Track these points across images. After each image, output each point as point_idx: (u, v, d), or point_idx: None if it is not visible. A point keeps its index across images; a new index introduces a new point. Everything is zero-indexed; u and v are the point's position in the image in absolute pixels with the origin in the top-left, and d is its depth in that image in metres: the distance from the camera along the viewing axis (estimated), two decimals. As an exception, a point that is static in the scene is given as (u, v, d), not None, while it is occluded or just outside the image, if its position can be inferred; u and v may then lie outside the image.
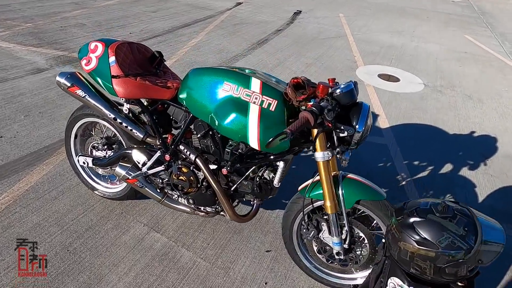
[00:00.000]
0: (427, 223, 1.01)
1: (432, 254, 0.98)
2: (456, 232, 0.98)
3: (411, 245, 1.01)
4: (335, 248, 1.38)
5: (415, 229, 1.02)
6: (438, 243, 0.98)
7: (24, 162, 2.21)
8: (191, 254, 1.69)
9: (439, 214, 1.02)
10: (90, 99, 1.53)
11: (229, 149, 1.34)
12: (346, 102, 1.19)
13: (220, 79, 1.33)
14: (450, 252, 0.97)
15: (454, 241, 0.97)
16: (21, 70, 3.48)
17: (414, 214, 1.05)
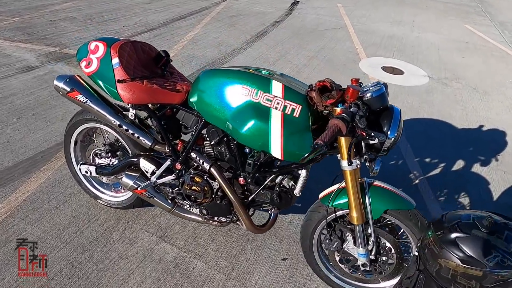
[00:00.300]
0: (472, 240, 0.94)
1: (479, 273, 0.91)
2: (506, 249, 0.90)
3: (455, 263, 0.94)
4: (360, 259, 1.30)
5: (458, 246, 0.94)
6: (487, 261, 0.90)
7: (20, 169, 2.07)
8: (204, 265, 1.61)
9: (485, 230, 0.94)
10: (92, 104, 1.40)
11: (251, 160, 1.24)
12: (377, 107, 1.10)
13: (237, 82, 1.21)
14: (500, 272, 0.89)
15: (504, 260, 0.89)
16: (10, 69, 3.29)
17: (456, 229, 0.97)
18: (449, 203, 2.16)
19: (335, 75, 3.83)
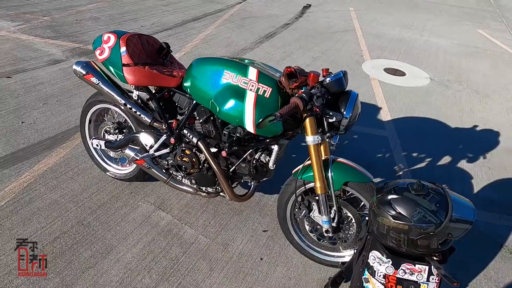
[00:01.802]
0: (403, 200, 1.11)
1: (405, 227, 1.08)
2: (428, 207, 1.07)
3: (388, 219, 1.12)
4: (324, 226, 1.48)
5: (391, 205, 1.12)
6: (411, 217, 1.07)
7: (43, 145, 2.39)
8: (193, 231, 1.84)
9: (414, 192, 1.12)
10: (103, 86, 1.67)
11: (227, 131, 1.46)
12: (335, 90, 1.29)
13: (220, 68, 1.44)
14: (422, 225, 1.06)
15: (426, 216, 1.06)
16: (39, 61, 3.68)
17: (392, 192, 1.15)
18: (429, 193, 2.28)
19: (337, 75, 4.00)
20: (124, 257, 1.66)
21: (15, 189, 1.99)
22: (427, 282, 1.18)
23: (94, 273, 1.57)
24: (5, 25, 4.60)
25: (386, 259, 1.20)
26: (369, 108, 3.34)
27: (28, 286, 1.48)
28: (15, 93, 3.01)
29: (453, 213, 1.06)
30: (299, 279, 1.64)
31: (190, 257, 1.69)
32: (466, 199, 1.17)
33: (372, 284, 1.26)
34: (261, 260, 1.71)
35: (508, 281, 1.73)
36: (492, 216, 2.14)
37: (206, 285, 1.57)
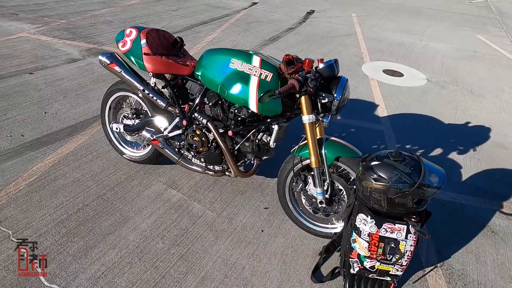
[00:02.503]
0: (383, 165, 1.30)
1: (384, 188, 1.27)
2: (404, 170, 1.26)
3: (370, 182, 1.30)
4: (318, 197, 1.67)
5: (373, 170, 1.31)
6: (389, 178, 1.26)
7: (65, 132, 2.61)
8: (201, 206, 2.03)
9: (392, 158, 1.31)
10: (124, 74, 1.90)
11: (233, 111, 1.67)
12: (327, 74, 1.49)
13: (228, 57, 1.65)
14: (398, 186, 1.25)
15: (402, 177, 1.25)
16: (58, 60, 3.94)
17: (374, 159, 1.34)
18: (419, 180, 2.45)
19: (337, 75, 4.20)
20: (140, 226, 1.86)
21: (42, 169, 2.21)
22: (405, 239, 1.36)
23: (114, 238, 1.77)
24: (26, 27, 4.91)
25: (370, 220, 1.38)
26: (367, 105, 3.53)
27: (54, 251, 1.68)
28: (37, 87, 3.27)
29: (425, 181, 1.24)
30: (296, 248, 1.82)
31: (198, 228, 1.88)
32: (438, 166, 1.35)
33: (358, 244, 1.44)
34: (262, 232, 1.90)
35: (487, 254, 1.88)
36: (478, 201, 2.30)
37: (213, 251, 1.76)
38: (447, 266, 1.80)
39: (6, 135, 2.51)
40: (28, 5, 6.05)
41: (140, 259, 1.68)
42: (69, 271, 1.58)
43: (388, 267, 1.42)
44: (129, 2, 6.90)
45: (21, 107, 2.90)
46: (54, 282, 1.52)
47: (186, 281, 1.59)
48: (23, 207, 1.90)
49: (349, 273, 1.55)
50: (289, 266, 1.71)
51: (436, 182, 1.27)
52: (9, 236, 1.72)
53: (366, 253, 1.42)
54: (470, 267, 1.80)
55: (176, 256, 1.71)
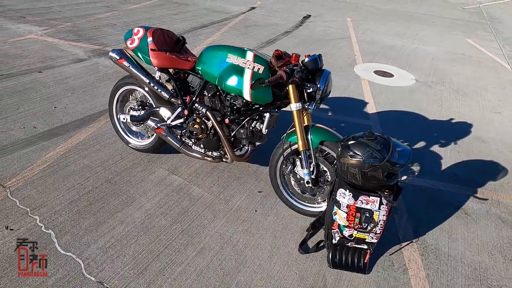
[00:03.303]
0: (357, 143, 1.50)
1: (358, 163, 1.47)
2: (375, 147, 1.46)
3: (347, 158, 1.51)
4: (305, 178, 1.86)
5: (350, 148, 1.51)
6: (363, 154, 1.46)
7: (74, 125, 2.81)
8: (200, 189, 2.22)
9: (366, 138, 1.51)
10: (132, 68, 2.10)
11: (229, 99, 1.87)
12: (311, 67, 1.70)
13: (225, 52, 1.86)
14: (370, 160, 1.45)
15: (373, 153, 1.45)
16: (65, 60, 4.16)
17: (351, 139, 1.55)
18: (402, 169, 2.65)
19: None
20: (145, 206, 2.05)
21: (54, 156, 2.40)
22: (378, 210, 1.56)
23: (121, 215, 1.96)
24: (33, 29, 5.13)
25: (348, 193, 1.58)
26: (357, 102, 3.75)
27: (68, 226, 1.87)
28: (47, 84, 3.47)
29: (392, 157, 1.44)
30: (286, 226, 2.01)
31: (197, 208, 2.08)
32: (406, 147, 1.55)
33: (338, 215, 1.64)
34: (255, 212, 2.09)
35: (459, 232, 2.08)
36: (455, 187, 2.50)
37: (211, 227, 1.95)
38: (422, 241, 1.99)
39: (19, 127, 2.71)
40: (35, 8, 6.28)
41: (146, 233, 1.87)
42: (82, 242, 1.77)
43: (364, 235, 1.62)
44: (132, 6, 7.15)
45: (32, 102, 3.10)
46: (69, 251, 1.71)
47: (187, 251, 1.78)
48: (39, 189, 2.09)
49: (332, 243, 1.74)
50: (279, 240, 1.91)
51: (403, 159, 1.47)
52: (27, 213, 1.91)
53: (345, 222, 1.61)
54: (442, 243, 1.99)
55: (178, 231, 1.90)
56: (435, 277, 1.77)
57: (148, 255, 1.74)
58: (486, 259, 1.91)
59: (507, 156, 2.96)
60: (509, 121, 3.64)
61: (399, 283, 1.72)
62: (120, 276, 1.61)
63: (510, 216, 2.26)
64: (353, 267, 1.72)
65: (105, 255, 1.71)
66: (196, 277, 1.65)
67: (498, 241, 2.05)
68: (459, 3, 12.45)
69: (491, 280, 1.78)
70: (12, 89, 3.29)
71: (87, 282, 1.57)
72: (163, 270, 1.67)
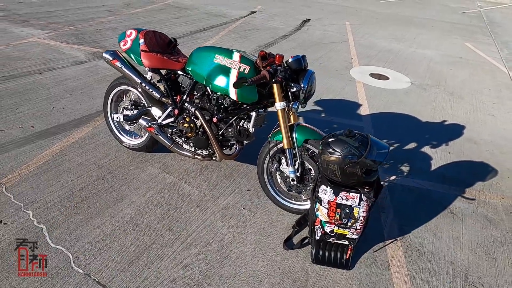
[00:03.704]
0: (337, 141, 1.55)
1: (337, 159, 1.51)
2: (353, 145, 1.51)
3: (327, 155, 1.55)
4: (290, 175, 1.91)
5: (329, 145, 1.56)
6: (341, 151, 1.51)
7: (71, 125, 2.88)
8: (190, 187, 2.27)
9: (345, 135, 1.55)
10: (124, 69, 2.17)
11: (215, 97, 1.93)
12: (295, 67, 1.75)
13: (213, 53, 1.93)
14: (348, 157, 1.49)
15: (351, 150, 1.50)
16: (66, 62, 4.26)
17: (331, 137, 1.59)
18: (391, 169, 2.68)
19: (326, 79, 4.47)
20: (135, 202, 2.10)
21: (50, 154, 2.47)
22: (358, 206, 1.60)
23: (112, 211, 2.02)
24: (36, 32, 5.25)
25: (329, 190, 1.62)
26: (351, 104, 3.79)
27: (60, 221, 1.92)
28: (46, 86, 3.56)
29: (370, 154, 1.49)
30: (272, 223, 2.05)
31: (187, 205, 2.13)
32: (384, 142, 1.59)
33: (320, 211, 1.68)
34: (243, 209, 2.13)
35: (444, 231, 2.10)
36: (443, 187, 2.52)
37: (198, 223, 2.00)
38: (406, 239, 2.02)
39: (18, 126, 2.79)
40: (38, 12, 6.43)
41: (134, 228, 1.92)
42: (72, 236, 1.82)
43: (345, 230, 1.65)
44: (134, 10, 7.28)
45: (31, 102, 3.18)
46: (59, 244, 1.76)
47: (173, 246, 1.83)
48: (33, 185, 2.16)
49: (315, 240, 1.77)
50: (265, 237, 1.95)
51: (381, 156, 1.51)
52: (21, 208, 1.97)
53: (326, 218, 1.65)
54: (427, 241, 2.02)
55: (166, 227, 1.95)
56: (417, 274, 1.80)
57: (136, 249, 1.79)
58: (470, 257, 1.93)
59: (498, 158, 2.98)
60: (502, 123, 3.66)
61: (381, 279, 1.75)
62: (107, 269, 1.66)
63: (496, 215, 2.28)
64: (335, 263, 1.76)
65: (94, 249, 1.76)
66: (181, 270, 1.70)
67: (483, 240, 2.07)
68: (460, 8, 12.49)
69: (472, 278, 1.81)
70: (12, 90, 3.38)
71: (75, 274, 1.62)
72: (149, 263, 1.72)
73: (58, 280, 1.58)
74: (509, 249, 2.01)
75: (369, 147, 1.50)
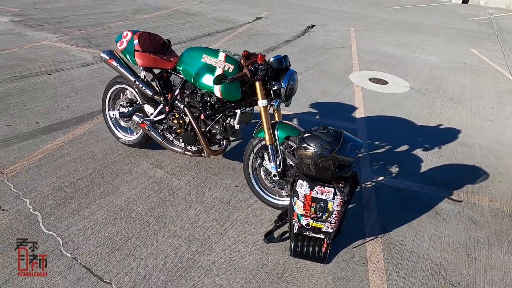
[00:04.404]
0: (311, 136, 1.61)
1: (311, 154, 1.58)
2: (326, 140, 1.57)
3: (302, 150, 1.61)
4: (272, 171, 1.97)
5: (304, 140, 1.62)
6: (315, 146, 1.57)
7: (73, 122, 3.03)
8: (180, 182, 2.36)
9: (319, 131, 1.62)
10: (120, 68, 2.30)
11: (200, 95, 2.03)
12: (276, 66, 1.83)
13: (200, 53, 2.03)
14: (321, 151, 1.56)
15: (324, 145, 1.56)
16: (74, 64, 4.46)
17: (307, 133, 1.66)
18: (380, 170, 2.71)
19: (325, 82, 4.53)
20: (126, 194, 2.20)
21: (51, 148, 2.61)
22: (332, 200, 1.65)
23: (103, 202, 2.12)
24: (48, 36, 5.52)
25: (305, 184, 1.68)
26: (346, 108, 3.83)
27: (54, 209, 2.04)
28: (53, 85, 3.75)
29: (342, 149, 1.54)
30: (256, 217, 2.11)
31: (175, 198, 2.21)
32: (358, 140, 1.64)
33: (297, 205, 1.73)
34: (229, 204, 2.21)
35: (427, 230, 2.12)
36: (431, 189, 2.54)
37: (184, 215, 2.08)
38: (387, 237, 2.05)
39: (24, 122, 2.95)
40: (52, 17, 6.74)
41: (123, 218, 2.01)
42: (64, 223, 1.93)
43: (320, 224, 1.70)
44: (143, 16, 7.54)
45: (38, 101, 3.36)
46: (51, 230, 1.87)
47: (158, 235, 1.91)
48: (32, 176, 2.29)
49: (293, 233, 1.83)
50: (247, 230, 2.01)
51: (353, 151, 1.57)
52: (19, 196, 2.10)
53: (302, 211, 1.70)
54: (408, 239, 2.04)
55: (153, 218, 2.04)
56: (393, 270, 1.82)
57: (122, 237, 1.88)
58: (450, 256, 1.95)
59: (491, 162, 2.97)
60: (500, 128, 3.63)
61: (357, 274, 1.78)
62: (93, 254, 1.76)
63: (482, 217, 2.28)
64: (313, 257, 1.80)
65: (83, 236, 1.86)
66: (163, 258, 1.78)
67: (466, 240, 2.08)
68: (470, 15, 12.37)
69: (450, 276, 1.82)
70: (22, 89, 3.57)
71: (63, 258, 1.72)
72: (133, 251, 1.80)
73: (48, 262, 1.69)
74: (491, 250, 2.01)
75: (341, 143, 1.55)
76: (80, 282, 1.61)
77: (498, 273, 1.86)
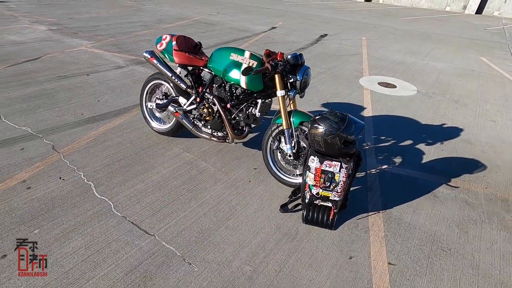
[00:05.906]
0: (322, 118, 1.95)
1: (321, 132, 1.90)
2: (334, 120, 1.90)
3: (314, 129, 1.95)
4: (288, 152, 2.30)
5: (316, 121, 1.95)
6: (324, 125, 1.90)
7: (112, 114, 3.47)
8: (206, 164, 2.72)
9: (328, 114, 1.95)
10: (159, 65, 2.71)
11: (230, 88, 2.40)
12: (292, 62, 2.19)
13: (229, 52, 2.41)
14: (329, 129, 1.88)
15: (332, 124, 1.89)
16: (108, 66, 4.96)
17: (318, 116, 1.99)
18: (384, 160, 2.99)
19: (335, 86, 4.85)
20: (161, 172, 2.58)
21: (96, 134, 3.03)
22: (339, 172, 1.96)
23: (143, 176, 2.50)
24: (84, 42, 6.10)
25: (316, 159, 2.00)
26: (355, 108, 4.14)
27: (104, 180, 2.43)
28: (92, 84, 4.23)
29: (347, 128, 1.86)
30: (273, 193, 2.44)
31: (203, 176, 2.57)
32: (360, 122, 1.96)
33: (309, 177, 2.05)
34: (249, 182, 2.54)
35: (424, 209, 2.38)
36: (431, 176, 2.80)
37: (211, 189, 2.42)
38: (388, 213, 2.33)
39: (71, 113, 3.40)
40: (85, 27, 7.39)
41: (160, 189, 2.38)
42: (113, 191, 2.31)
43: (328, 193, 2.01)
44: (166, 25, 8.12)
45: (81, 96, 3.83)
46: (103, 196, 2.26)
47: (190, 203, 2.26)
48: (83, 155, 2.70)
49: (305, 203, 2.14)
50: (265, 203, 2.33)
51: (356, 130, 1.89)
52: (75, 170, 2.50)
53: (313, 182, 2.02)
54: (406, 215, 2.32)
55: (185, 190, 2.39)
56: (392, 237, 2.10)
57: (161, 204, 2.24)
58: (443, 229, 2.21)
59: (490, 156, 3.20)
60: (502, 128, 3.84)
61: (359, 239, 2.07)
62: (138, 215, 2.12)
63: (476, 201, 2.52)
64: (322, 224, 2.11)
65: (129, 201, 2.23)
66: (195, 220, 2.12)
67: (459, 217, 2.33)
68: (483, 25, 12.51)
69: (442, 244, 2.08)
70: (66, 87, 4.06)
71: (115, 216, 2.09)
72: (170, 213, 2.16)
73: (102, 218, 2.06)
74: (482, 226, 2.26)
75: (346, 123, 1.88)
76: (130, 234, 1.97)
77: (486, 243, 2.11)
